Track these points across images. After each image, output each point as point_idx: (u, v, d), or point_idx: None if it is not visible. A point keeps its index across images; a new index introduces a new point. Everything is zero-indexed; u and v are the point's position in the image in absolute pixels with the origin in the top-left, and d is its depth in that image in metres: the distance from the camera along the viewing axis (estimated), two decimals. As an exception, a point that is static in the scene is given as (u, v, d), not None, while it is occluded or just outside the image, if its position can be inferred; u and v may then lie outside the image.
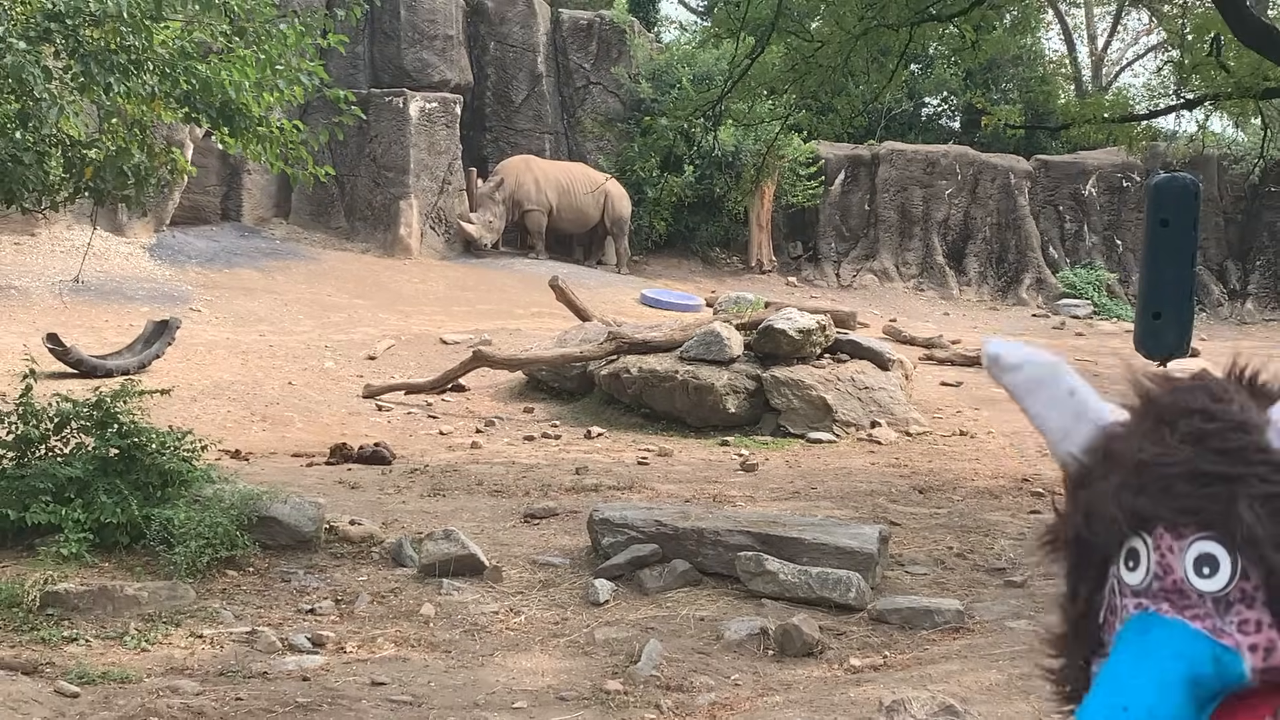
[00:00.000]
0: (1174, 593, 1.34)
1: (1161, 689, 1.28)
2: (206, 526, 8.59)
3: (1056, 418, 1.48)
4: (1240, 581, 1.31)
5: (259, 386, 16.40)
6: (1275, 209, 31.05)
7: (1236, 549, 1.31)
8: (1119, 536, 1.37)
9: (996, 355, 1.51)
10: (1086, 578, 1.43)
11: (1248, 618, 1.31)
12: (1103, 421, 1.46)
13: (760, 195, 29.07)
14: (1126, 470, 1.37)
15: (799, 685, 7.00)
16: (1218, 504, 1.32)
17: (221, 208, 25.49)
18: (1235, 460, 1.33)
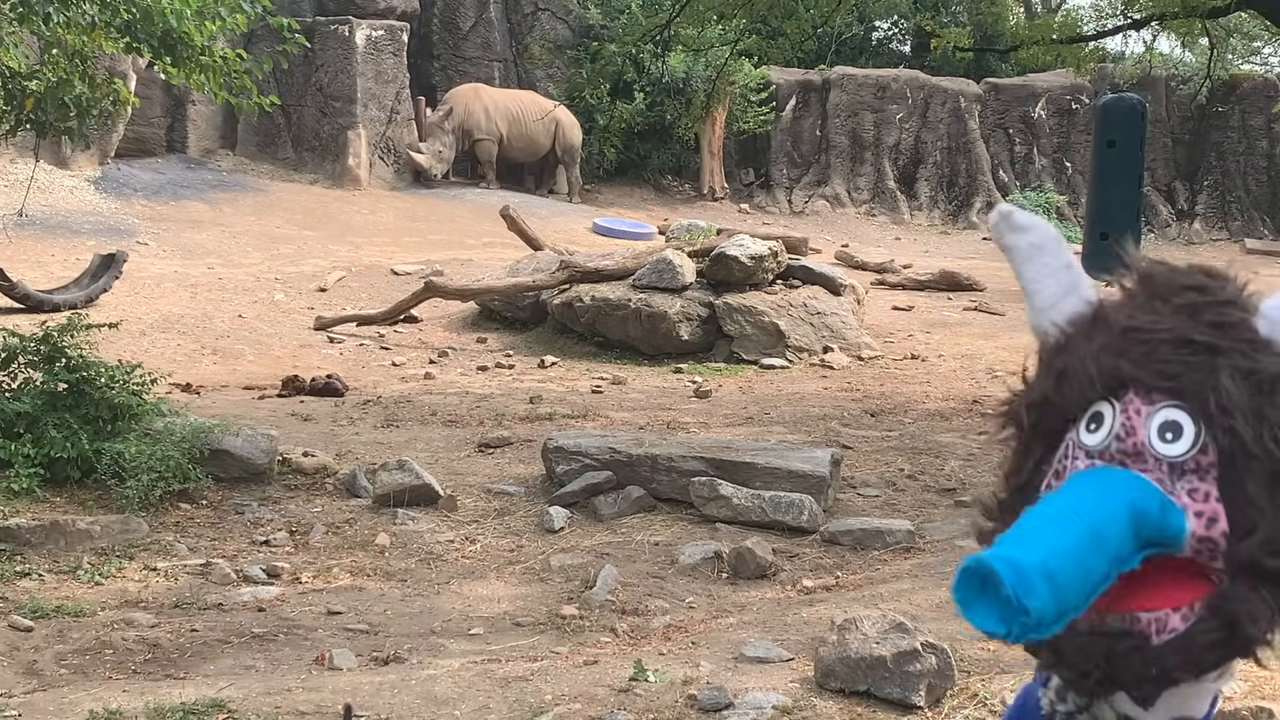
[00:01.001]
0: (1131, 454, 1.36)
1: (1104, 505, 1.31)
2: (158, 460, 8.55)
3: (1051, 285, 1.50)
4: (1198, 453, 1.35)
5: (208, 319, 16.28)
6: (1222, 129, 31.21)
7: (1203, 420, 1.35)
8: (1088, 398, 1.40)
9: (1009, 212, 1.53)
10: (1039, 444, 1.45)
11: (1198, 487, 1.35)
12: (1090, 298, 1.49)
13: (711, 122, 28.96)
14: (1113, 334, 1.41)
15: (753, 607, 7.08)
16: (1198, 372, 1.35)
17: (166, 139, 25.15)
18: (1224, 333, 1.38)
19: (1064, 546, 1.26)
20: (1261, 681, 5.23)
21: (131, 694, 5.38)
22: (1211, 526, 1.33)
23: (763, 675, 5.60)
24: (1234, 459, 1.34)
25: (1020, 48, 15.17)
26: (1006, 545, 1.26)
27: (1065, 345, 1.45)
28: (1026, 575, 1.22)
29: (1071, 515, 1.29)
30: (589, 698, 5.34)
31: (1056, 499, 1.33)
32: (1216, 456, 1.34)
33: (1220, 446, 1.34)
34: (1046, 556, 1.24)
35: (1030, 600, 1.22)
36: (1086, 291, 1.51)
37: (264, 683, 5.70)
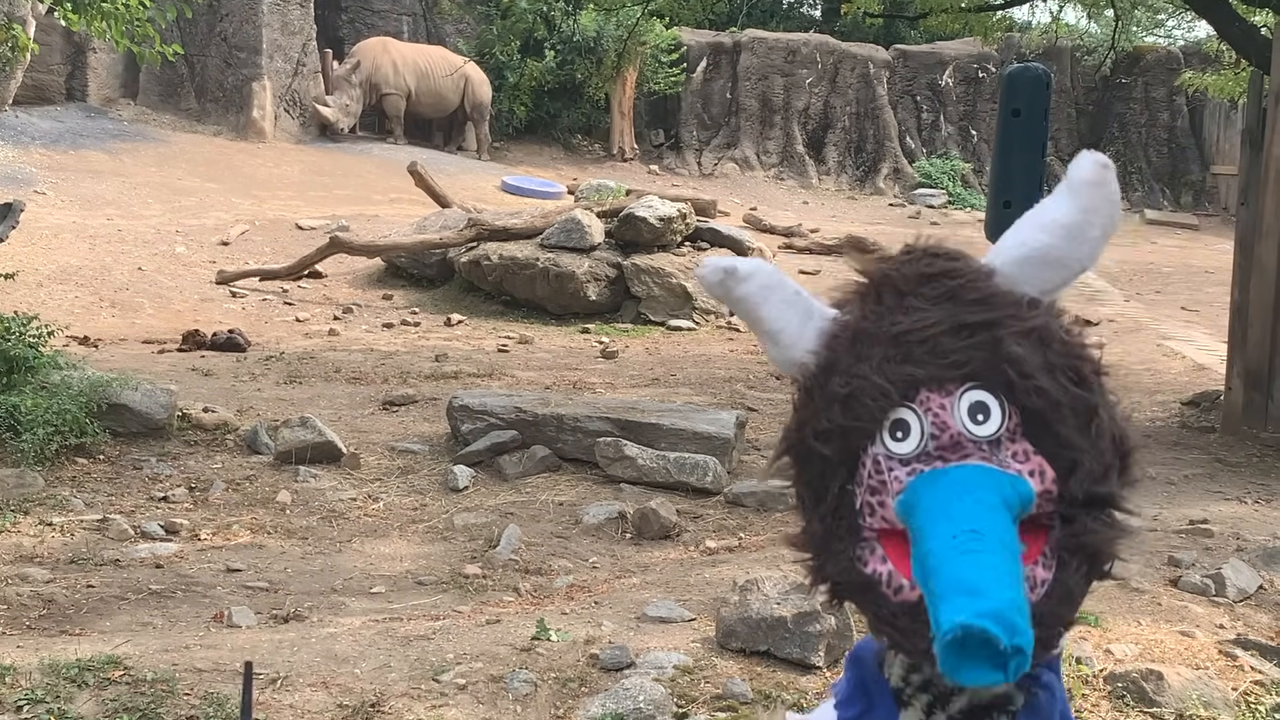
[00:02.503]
0: (949, 447, 1.39)
1: (990, 510, 1.34)
2: (54, 414, 8.39)
3: (792, 318, 1.52)
4: (1006, 423, 1.39)
5: (107, 272, 15.99)
6: (1125, 100, 31.66)
7: (1003, 391, 1.39)
8: (884, 411, 1.41)
9: (732, 268, 1.53)
10: (839, 470, 1.45)
11: (1017, 449, 1.39)
12: (827, 316, 1.51)
13: (622, 82, 28.87)
14: (886, 344, 1.42)
15: (656, 567, 7.11)
16: (984, 350, 1.40)
17: (66, 87, 24.59)
18: (990, 306, 1.42)
19: (1005, 573, 1.29)
20: (1152, 645, 5.35)
21: (25, 650, 5.28)
22: (1044, 478, 1.38)
23: (665, 635, 5.62)
24: (1038, 414, 1.39)
25: (929, 15, 15.26)
26: (962, 596, 1.26)
27: (833, 368, 1.45)
28: (1010, 622, 1.25)
29: (978, 537, 1.31)
30: (491, 656, 5.34)
31: (941, 528, 1.33)
32: (1020, 417, 1.39)
33: (1023, 408, 1.39)
34: (1007, 592, 1.27)
35: (1023, 641, 1.25)
36: (820, 310, 1.52)
37: (161, 640, 5.63)
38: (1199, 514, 7.51)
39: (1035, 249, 1.46)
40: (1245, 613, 5.88)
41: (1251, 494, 8.24)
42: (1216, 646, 5.40)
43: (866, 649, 1.54)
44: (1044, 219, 1.46)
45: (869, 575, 1.41)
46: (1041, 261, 1.45)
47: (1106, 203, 1.45)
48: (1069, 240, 1.45)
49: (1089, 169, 1.45)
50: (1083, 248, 1.45)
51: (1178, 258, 22.62)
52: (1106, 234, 1.46)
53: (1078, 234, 1.45)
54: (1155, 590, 6.00)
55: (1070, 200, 1.45)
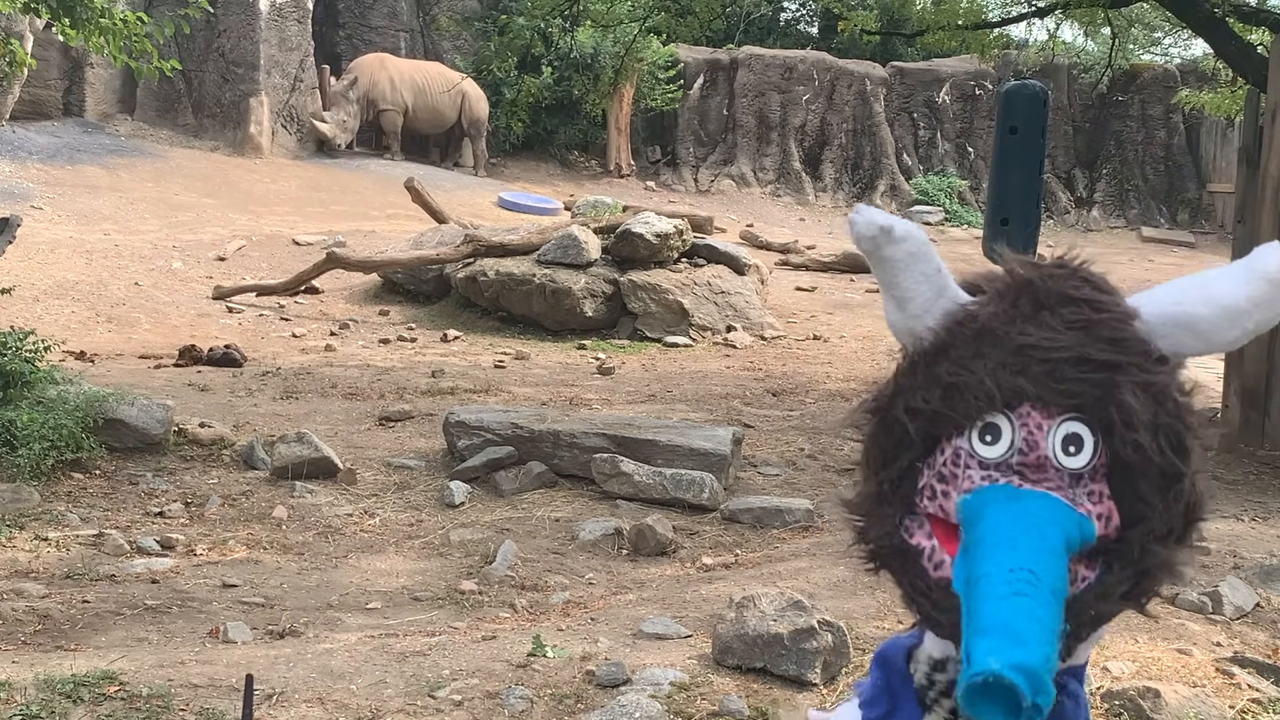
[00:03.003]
0: (1032, 466, 1.40)
1: (1052, 554, 1.34)
2: (50, 429, 8.38)
3: (925, 290, 1.52)
4: (1094, 461, 1.39)
5: (104, 287, 15.99)
6: (1122, 118, 31.73)
7: (1101, 432, 1.39)
8: (981, 412, 1.42)
9: (889, 226, 1.53)
10: (917, 447, 1.46)
11: (1094, 489, 1.40)
12: (960, 300, 1.51)
13: (619, 98, 28.90)
14: (1007, 350, 1.42)
15: (652, 584, 7.10)
16: (1099, 389, 1.39)
17: (64, 102, 24.60)
18: (1120, 349, 1.42)
19: (1048, 625, 1.30)
20: (1149, 663, 5.34)
21: (21, 665, 5.27)
22: (1109, 524, 1.39)
23: (661, 652, 5.61)
24: (1127, 463, 1.39)
25: (926, 32, 15.29)
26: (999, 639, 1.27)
27: (946, 354, 1.46)
28: (1039, 679, 1.26)
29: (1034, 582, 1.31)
30: (487, 673, 5.33)
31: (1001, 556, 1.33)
32: (1107, 459, 1.40)
33: (1114, 452, 1.39)
34: (1044, 647, 1.28)
35: (1044, 700, 1.26)
36: (955, 293, 1.53)
37: (157, 655, 5.61)
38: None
39: (1188, 314, 1.47)
40: (1242, 630, 5.88)
41: (1248, 512, 8.24)
42: (1214, 664, 5.39)
43: (894, 649, 1.55)
44: (1209, 291, 1.47)
45: (913, 545, 1.41)
46: (1189, 330, 1.46)
47: (1274, 301, 1.45)
48: (1224, 320, 1.46)
49: (1273, 263, 1.44)
50: (1232, 332, 1.47)
51: (1174, 275, 22.57)
52: (1260, 329, 1.47)
53: (1234, 319, 1.46)
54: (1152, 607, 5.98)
55: (1243, 286, 1.45)
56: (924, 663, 1.50)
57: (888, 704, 1.52)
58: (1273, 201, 9.81)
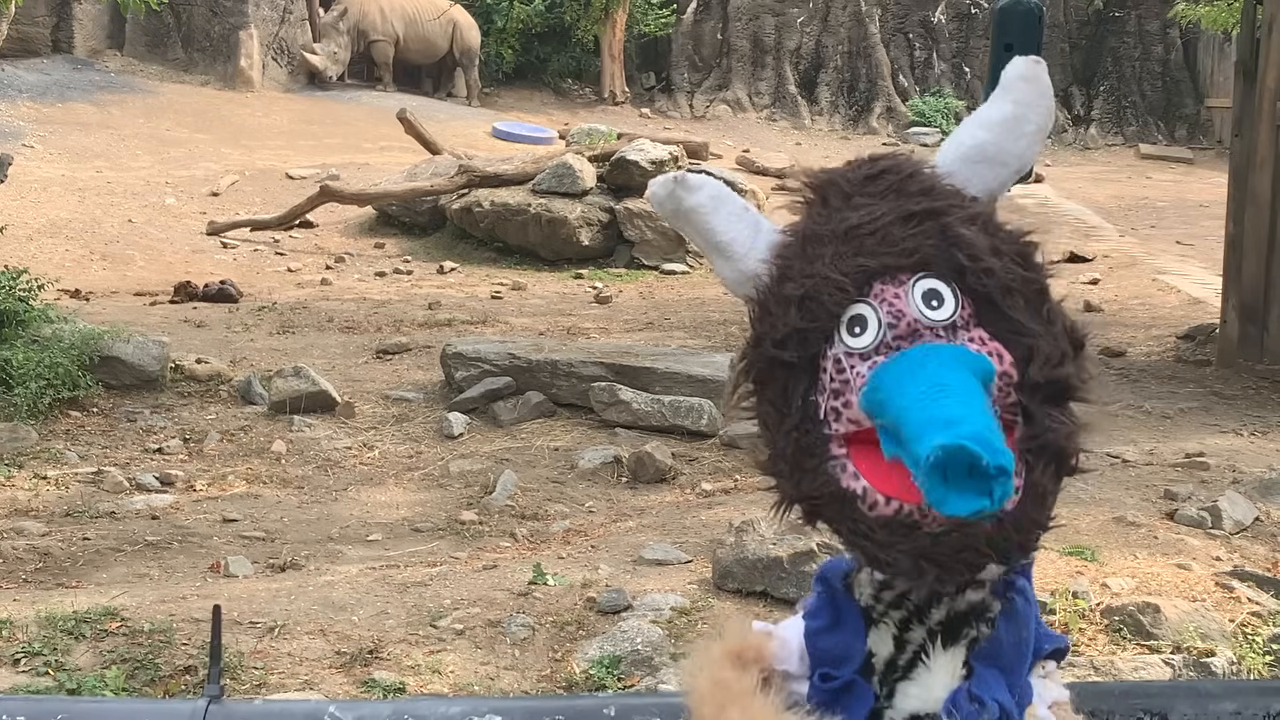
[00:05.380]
0: (907, 335, 1.39)
1: (955, 370, 1.34)
2: (46, 367, 8.37)
3: (742, 230, 1.52)
4: (960, 310, 1.40)
5: (97, 224, 15.92)
6: (1118, 34, 31.46)
7: (953, 277, 1.41)
8: (841, 306, 1.42)
9: (681, 176, 1.55)
10: (800, 380, 1.45)
11: (973, 335, 1.40)
12: (775, 230, 1.52)
13: (611, 25, 28.65)
14: (837, 241, 1.44)
15: (652, 510, 7.11)
16: (933, 237, 1.42)
17: (52, 39, 24.37)
18: (935, 196, 1.45)
19: (977, 407, 1.30)
20: (1148, 578, 5.35)
21: (22, 603, 5.28)
22: (1001, 361, 1.39)
23: (661, 577, 5.63)
24: (991, 298, 1.40)
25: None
26: (939, 428, 1.26)
27: (786, 275, 1.46)
28: (988, 441, 1.25)
29: (944, 389, 1.31)
30: (488, 601, 5.34)
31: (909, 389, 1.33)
32: (973, 306, 1.41)
33: (975, 295, 1.40)
34: (981, 419, 1.28)
35: (1004, 460, 1.25)
36: (770, 225, 1.54)
37: (158, 591, 5.63)
38: (1195, 447, 7.50)
39: (973, 146, 1.50)
40: (1242, 544, 5.89)
41: (1247, 426, 8.24)
42: (1213, 578, 5.40)
43: (833, 569, 1.54)
44: (981, 117, 1.51)
45: (845, 490, 1.39)
46: (980, 158, 1.49)
47: (1039, 97, 1.49)
48: (1005, 135, 1.49)
49: (1022, 66, 1.49)
50: (1019, 143, 1.49)
51: (1172, 192, 22.53)
52: (1041, 128, 1.49)
53: (1013, 129, 1.48)
54: (1151, 524, 6.00)
55: (1004, 97, 1.48)
56: (868, 585, 1.48)
57: (830, 616, 1.51)
58: (1270, 114, 9.74)
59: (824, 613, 1.52)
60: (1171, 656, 4.79)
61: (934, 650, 1.44)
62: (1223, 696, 1.80)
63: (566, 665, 4.86)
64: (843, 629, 1.49)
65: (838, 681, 1.48)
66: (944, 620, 1.44)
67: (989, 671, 1.43)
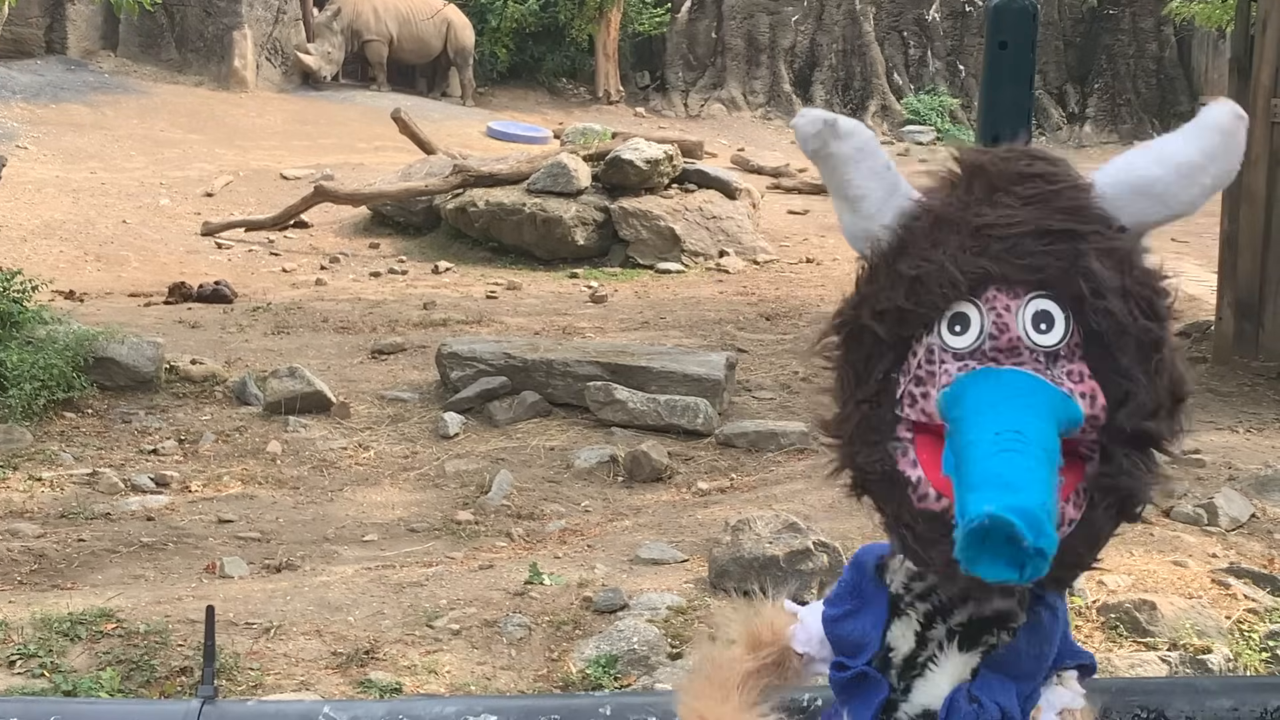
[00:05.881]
0: (1005, 350, 1.36)
1: (1037, 417, 1.31)
2: (41, 368, 8.36)
3: (877, 189, 1.48)
4: (1068, 339, 1.36)
5: (92, 225, 15.89)
6: (1113, 32, 31.47)
7: (1070, 305, 1.36)
8: (948, 301, 1.38)
9: (833, 120, 1.49)
10: (887, 354, 1.43)
11: (1073, 369, 1.36)
12: (912, 196, 1.47)
13: (606, 24, 28.64)
14: (965, 234, 1.39)
15: (648, 509, 7.10)
16: (1063, 260, 1.36)
17: (46, 40, 24.33)
18: (1080, 218, 1.38)
19: (1042, 477, 1.27)
20: (1145, 575, 5.35)
21: (17, 604, 5.27)
22: (1094, 403, 1.35)
23: (658, 576, 5.63)
24: (1102, 336, 1.36)
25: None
26: (996, 490, 1.25)
27: (905, 250, 1.42)
28: (1038, 522, 1.23)
29: (1022, 440, 1.29)
30: (484, 601, 5.34)
31: (986, 421, 1.31)
32: (1082, 337, 1.36)
33: (1087, 327, 1.36)
34: (1041, 495, 1.25)
35: (1046, 544, 1.23)
36: (908, 189, 1.49)
37: (154, 592, 5.62)
38: (1190, 444, 7.50)
39: (1142, 178, 1.41)
40: (1238, 541, 5.89)
41: (1243, 423, 8.24)
42: (1209, 575, 5.40)
43: (869, 554, 1.53)
44: (1161, 152, 1.42)
45: (900, 474, 1.38)
46: (1145, 192, 1.41)
47: (1228, 153, 1.41)
48: (1179, 179, 1.40)
49: (1223, 115, 1.40)
50: (1190, 190, 1.41)
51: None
52: (1217, 185, 1.41)
53: (1189, 175, 1.40)
54: (1147, 521, 6.00)
55: (1194, 141, 1.40)
56: (900, 572, 1.48)
57: (852, 603, 1.50)
58: (1264, 111, 9.73)
59: (846, 599, 1.51)
60: (1168, 653, 4.79)
61: (948, 649, 1.43)
62: (1219, 693, 1.80)
63: (563, 665, 4.86)
64: (862, 617, 1.48)
65: (849, 672, 1.48)
66: (966, 622, 1.43)
67: (996, 676, 1.42)
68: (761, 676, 1.55)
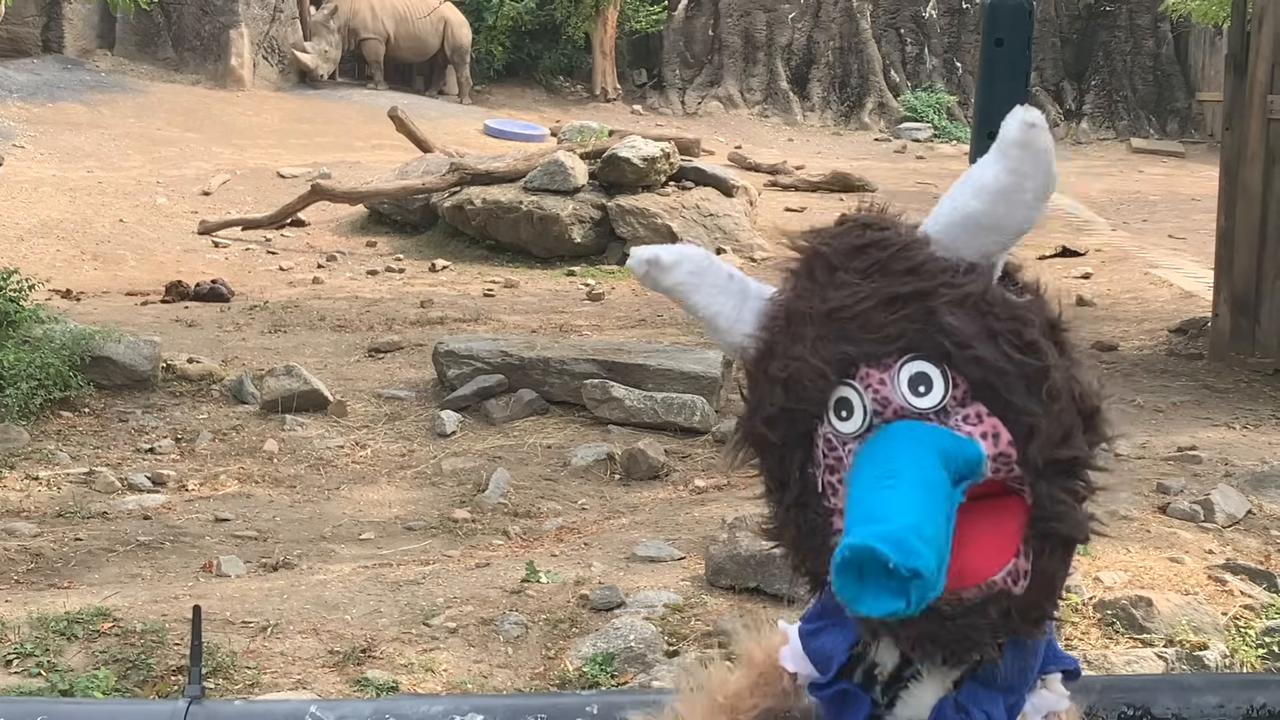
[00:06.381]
0: (894, 420, 1.35)
1: (915, 452, 1.30)
2: (38, 368, 8.35)
3: (726, 302, 1.47)
4: (951, 391, 1.34)
5: (88, 224, 15.89)
6: (1110, 29, 31.48)
7: (944, 362, 1.34)
8: (824, 392, 1.37)
9: (654, 257, 1.49)
10: (795, 455, 1.41)
11: (968, 412, 1.34)
12: (764, 296, 1.46)
13: (602, 21, 28.64)
14: (819, 323, 1.37)
15: (645, 507, 7.10)
16: (917, 321, 1.34)
17: (42, 39, 24.32)
18: (921, 275, 1.36)
19: (912, 502, 1.26)
20: (1141, 572, 5.36)
21: (14, 604, 5.27)
22: (998, 440, 1.33)
23: (654, 574, 5.63)
24: (986, 381, 1.34)
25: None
26: (863, 524, 1.24)
27: (773, 351, 1.41)
28: (904, 542, 1.21)
29: (895, 476, 1.28)
30: (481, 600, 5.34)
31: (865, 471, 1.30)
32: (967, 384, 1.34)
33: (969, 377, 1.34)
34: (906, 517, 1.24)
35: (918, 563, 1.21)
36: (757, 290, 1.47)
37: (150, 591, 5.62)
38: (1187, 441, 7.51)
39: (967, 215, 1.39)
40: (1234, 538, 5.89)
41: (1239, 419, 8.24)
42: (1206, 572, 5.41)
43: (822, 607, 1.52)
44: (975, 184, 1.39)
45: None
46: (975, 228, 1.39)
47: (1036, 164, 1.37)
48: (1001, 205, 1.38)
49: (1015, 129, 1.36)
50: (1017, 211, 1.38)
51: (1164, 186, 22.54)
52: (1041, 195, 1.38)
53: (1009, 198, 1.37)
54: (1144, 517, 6.00)
55: (999, 163, 1.37)
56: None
57: (823, 620, 1.50)
58: (1260, 107, 9.74)
59: (817, 614, 1.51)
60: (1164, 650, 4.79)
61: (930, 666, 1.43)
62: (1206, 690, 1.80)
63: (560, 663, 4.86)
64: (832, 633, 1.48)
65: (831, 690, 1.48)
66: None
67: (984, 688, 1.42)
68: (754, 697, 1.54)
